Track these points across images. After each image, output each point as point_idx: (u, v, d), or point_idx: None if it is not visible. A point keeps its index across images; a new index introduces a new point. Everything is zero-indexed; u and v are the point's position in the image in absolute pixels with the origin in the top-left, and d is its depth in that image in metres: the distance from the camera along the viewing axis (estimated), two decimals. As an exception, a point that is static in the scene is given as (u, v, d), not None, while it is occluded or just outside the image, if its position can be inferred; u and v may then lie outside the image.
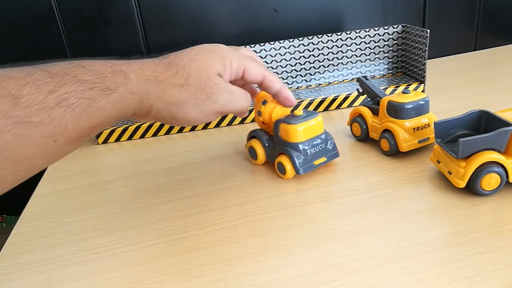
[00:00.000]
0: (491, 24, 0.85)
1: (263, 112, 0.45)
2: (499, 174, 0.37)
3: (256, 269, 0.33)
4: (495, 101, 0.59)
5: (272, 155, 0.46)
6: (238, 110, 0.40)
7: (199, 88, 0.37)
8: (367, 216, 0.37)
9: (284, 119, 0.44)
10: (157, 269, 0.34)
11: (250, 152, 0.48)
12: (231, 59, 0.40)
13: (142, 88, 0.35)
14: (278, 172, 0.45)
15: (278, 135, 0.45)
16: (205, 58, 0.39)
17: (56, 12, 0.67)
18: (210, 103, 0.38)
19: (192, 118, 0.38)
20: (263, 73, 0.43)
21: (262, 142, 0.47)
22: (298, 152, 0.43)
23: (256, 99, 0.47)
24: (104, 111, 0.32)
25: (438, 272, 0.30)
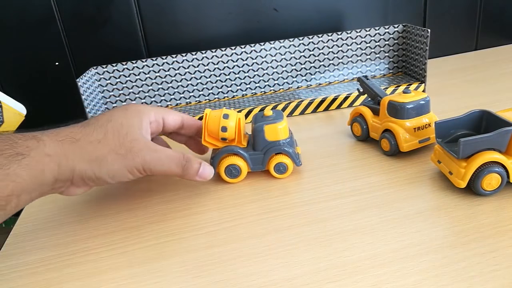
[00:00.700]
0: (492, 24, 0.85)
1: (229, 127, 0.43)
2: (500, 174, 0.37)
3: (256, 269, 0.33)
4: (496, 101, 0.59)
5: (258, 162, 0.45)
6: (166, 171, 0.39)
7: (118, 142, 0.37)
8: (367, 216, 0.37)
9: (263, 121, 0.44)
10: (157, 269, 0.34)
11: (228, 172, 0.45)
12: (147, 112, 0.41)
13: (59, 149, 0.34)
14: (276, 174, 0.45)
15: (264, 139, 0.44)
16: (121, 117, 0.39)
17: (56, 12, 0.67)
18: (131, 157, 0.37)
19: (116, 174, 0.37)
20: (181, 115, 0.44)
21: (241, 155, 0.44)
22: (290, 146, 0.44)
23: (209, 119, 0.43)
24: (16, 178, 0.31)
25: (438, 273, 0.30)
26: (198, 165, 0.40)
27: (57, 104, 0.72)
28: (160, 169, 0.38)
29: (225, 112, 0.43)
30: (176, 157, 0.39)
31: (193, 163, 0.40)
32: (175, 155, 0.39)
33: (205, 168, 0.41)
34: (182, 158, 0.39)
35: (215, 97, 0.69)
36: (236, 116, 0.44)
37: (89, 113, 0.59)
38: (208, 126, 0.44)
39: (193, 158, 0.40)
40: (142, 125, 0.39)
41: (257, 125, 0.44)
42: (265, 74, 0.69)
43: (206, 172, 0.41)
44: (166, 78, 0.67)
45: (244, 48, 0.67)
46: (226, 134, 0.43)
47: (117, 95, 0.68)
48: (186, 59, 0.66)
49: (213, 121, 0.43)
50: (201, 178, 0.41)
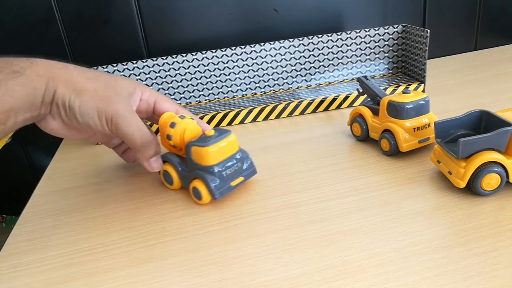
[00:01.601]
0: (492, 24, 0.85)
1: (173, 136, 0.42)
2: (499, 174, 0.37)
3: (256, 269, 0.33)
4: (496, 101, 0.59)
5: (186, 180, 0.43)
6: (129, 135, 0.39)
7: (103, 87, 0.38)
8: (367, 216, 0.37)
9: (195, 142, 0.41)
10: (157, 269, 0.34)
11: (165, 177, 0.45)
12: (144, 88, 0.42)
13: (49, 71, 0.36)
14: (194, 198, 0.42)
15: (190, 159, 0.41)
16: (120, 79, 0.41)
17: (56, 12, 0.67)
18: (106, 103, 0.38)
19: (86, 111, 0.37)
20: (176, 108, 0.44)
21: (175, 167, 0.43)
22: (213, 176, 0.40)
23: (162, 123, 0.43)
24: (14, 93, 0.33)
25: (438, 272, 0.30)
26: (154, 153, 0.42)
27: (57, 104, 0.72)
28: (124, 129, 0.39)
29: (173, 121, 0.42)
30: (144, 132, 0.40)
31: (152, 148, 0.41)
32: (145, 130, 0.40)
33: (157, 161, 0.43)
34: (148, 137, 0.40)
35: (215, 97, 0.69)
36: (185, 125, 0.42)
37: (89, 113, 0.59)
38: (161, 131, 0.43)
39: (157, 146, 0.42)
40: (132, 95, 0.41)
41: (187, 144, 0.41)
42: (265, 74, 0.69)
43: (155, 164, 0.43)
44: (166, 79, 0.67)
45: (244, 48, 0.67)
46: (172, 142, 0.42)
47: (117, 95, 0.68)
48: (186, 59, 0.66)
49: (163, 127, 0.43)
50: (148, 166, 0.42)
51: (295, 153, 0.51)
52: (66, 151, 0.61)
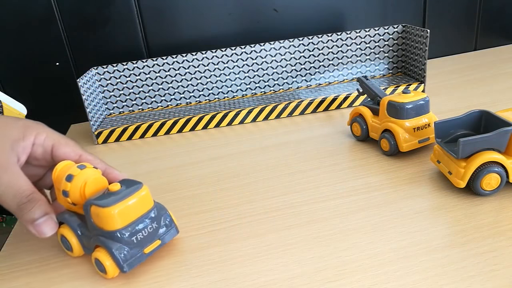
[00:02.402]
0: (491, 24, 0.85)
1: (70, 191, 0.33)
2: (499, 174, 0.37)
3: (256, 269, 0.33)
4: (495, 101, 0.59)
5: (89, 246, 0.34)
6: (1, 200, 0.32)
7: None
8: (367, 216, 0.37)
9: (94, 200, 0.32)
10: (157, 269, 0.34)
11: (63, 242, 0.36)
12: (40, 130, 0.35)
13: None
14: (98, 270, 0.34)
15: (91, 221, 0.33)
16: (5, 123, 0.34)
17: (56, 12, 0.67)
18: None
19: None
20: (79, 152, 0.36)
21: (73, 230, 0.35)
22: (119, 243, 0.32)
23: (56, 176, 0.35)
24: None
25: (438, 272, 0.30)
26: (39, 214, 0.33)
27: (58, 104, 0.72)
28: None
29: (69, 172, 0.34)
30: (19, 190, 0.32)
31: (34, 209, 0.32)
32: (20, 187, 0.32)
33: (46, 223, 0.33)
34: (25, 195, 0.32)
35: (215, 97, 0.69)
36: (85, 177, 0.34)
37: (89, 113, 0.59)
38: (55, 184, 0.35)
39: (41, 203, 0.33)
40: (19, 142, 0.33)
41: (85, 202, 0.33)
42: (265, 74, 0.69)
43: (44, 228, 0.33)
44: (166, 78, 0.67)
45: (244, 48, 0.67)
46: (69, 199, 0.34)
47: (118, 95, 0.68)
48: (186, 59, 0.66)
49: (55, 181, 0.35)
50: (34, 230, 0.33)
51: (295, 153, 0.51)
52: (66, 151, 0.61)
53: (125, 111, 0.69)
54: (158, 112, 0.67)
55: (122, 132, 0.62)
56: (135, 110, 0.69)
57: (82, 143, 0.63)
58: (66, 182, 0.33)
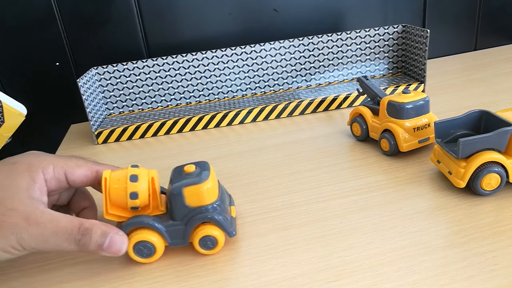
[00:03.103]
0: (491, 24, 0.85)
1: (140, 192, 0.32)
2: (499, 174, 0.37)
3: (256, 269, 0.33)
4: (495, 101, 0.59)
5: (178, 235, 0.34)
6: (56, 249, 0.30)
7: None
8: (367, 216, 0.37)
9: (184, 182, 0.33)
10: (157, 269, 0.34)
11: (138, 251, 0.34)
12: (44, 167, 0.32)
13: None
14: (203, 250, 0.34)
15: (183, 205, 0.33)
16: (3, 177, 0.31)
17: (56, 13, 0.67)
18: (1, 235, 0.29)
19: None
20: (95, 168, 0.35)
21: (156, 228, 0.34)
22: (219, 213, 0.34)
23: (112, 186, 0.33)
24: None
25: (438, 272, 0.30)
26: (101, 238, 0.31)
27: (58, 104, 0.72)
28: (44, 246, 0.30)
29: (132, 173, 0.33)
30: (67, 231, 0.30)
31: (94, 236, 0.31)
32: (66, 228, 0.30)
33: (114, 241, 0.32)
34: (76, 232, 0.30)
35: (215, 97, 0.69)
36: (148, 174, 0.34)
37: (89, 113, 0.59)
38: (111, 194, 0.33)
39: (96, 228, 0.31)
40: (32, 187, 0.31)
41: (174, 187, 0.33)
42: (265, 74, 0.69)
43: (116, 246, 0.32)
44: (166, 78, 0.67)
45: (244, 48, 0.67)
46: (138, 201, 0.33)
47: (118, 95, 0.68)
48: (186, 59, 0.66)
49: (117, 187, 0.33)
50: (109, 253, 0.32)
51: (295, 153, 0.51)
52: (67, 151, 0.61)
53: (125, 111, 0.69)
54: (158, 112, 0.67)
55: (122, 132, 0.62)
56: (135, 110, 0.69)
57: (82, 143, 0.63)
58: (133, 183, 0.32)
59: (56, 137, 0.68)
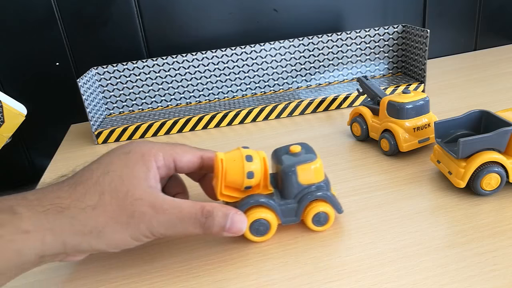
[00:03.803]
0: (491, 24, 0.85)
1: (255, 171, 0.33)
2: (499, 174, 0.37)
3: (256, 269, 0.33)
4: (496, 101, 0.59)
5: (291, 213, 0.35)
6: (181, 233, 0.31)
7: (116, 207, 0.29)
8: (367, 216, 0.37)
9: (297, 162, 0.35)
10: (157, 269, 0.34)
11: (253, 229, 0.35)
12: (154, 154, 0.33)
13: (41, 223, 0.28)
14: (315, 227, 0.36)
15: (296, 183, 0.35)
16: (121, 167, 0.31)
17: (56, 13, 0.67)
18: (134, 225, 0.29)
19: (119, 244, 0.30)
20: (199, 154, 0.35)
21: (271, 206, 0.35)
22: (328, 190, 0.36)
23: (229, 165, 0.33)
24: None
25: (438, 272, 0.30)
26: (223, 219, 0.31)
27: (58, 104, 0.72)
28: (172, 232, 0.31)
29: (247, 153, 0.34)
30: (192, 215, 0.31)
31: (216, 218, 0.31)
32: (190, 212, 0.31)
33: (235, 221, 0.32)
34: (200, 214, 0.31)
35: (215, 97, 0.69)
36: (259, 155, 0.34)
37: (89, 113, 0.59)
38: (227, 175, 0.33)
39: (217, 210, 0.31)
40: (148, 175, 0.31)
41: (286, 166, 0.34)
42: (265, 74, 0.69)
43: (237, 226, 0.32)
44: (166, 78, 0.67)
45: (244, 48, 0.67)
46: (253, 181, 0.34)
47: (118, 95, 0.68)
48: (186, 59, 0.66)
49: (234, 167, 0.33)
50: (231, 233, 0.32)
51: (295, 153, 0.51)
52: (67, 151, 0.61)
53: (125, 111, 0.69)
54: (158, 112, 0.67)
55: (122, 132, 0.62)
56: (135, 110, 0.69)
57: (82, 143, 0.63)
58: (249, 162, 0.33)
59: (56, 137, 0.68)
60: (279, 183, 0.35)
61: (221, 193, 0.34)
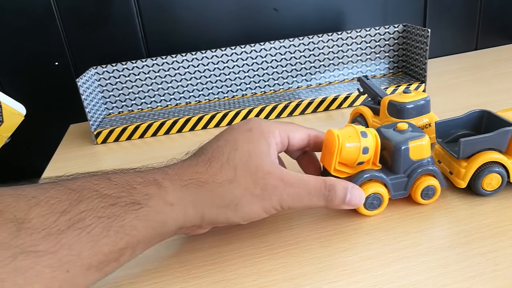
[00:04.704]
0: (492, 24, 0.85)
1: (370, 147, 0.35)
2: (500, 174, 0.36)
3: (256, 269, 0.32)
4: (496, 101, 0.59)
5: (400, 187, 0.37)
6: (306, 205, 0.32)
7: (250, 180, 0.31)
8: (367, 216, 0.37)
9: (410, 138, 0.36)
10: (157, 270, 0.34)
11: (368, 203, 0.36)
12: (272, 131, 0.34)
13: (183, 196, 0.30)
14: (423, 200, 0.37)
15: (407, 159, 0.36)
16: (247, 143, 0.32)
17: (55, 12, 0.67)
18: (267, 197, 0.31)
19: (251, 216, 0.32)
20: (307, 132, 0.37)
21: (383, 179, 0.36)
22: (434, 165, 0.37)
23: (344, 138, 0.34)
24: (131, 230, 0.27)
25: (439, 273, 0.30)
26: (344, 192, 0.33)
27: (57, 104, 0.72)
28: (299, 205, 0.32)
29: (361, 130, 0.35)
30: (317, 188, 0.32)
31: (338, 191, 0.33)
32: (314, 186, 0.32)
33: (354, 194, 0.33)
34: (324, 188, 0.32)
35: (215, 97, 0.69)
36: (370, 132, 0.35)
37: (88, 113, 0.59)
38: (343, 151, 0.34)
39: (337, 183, 0.33)
40: (270, 151, 0.33)
41: (399, 141, 0.36)
42: (265, 74, 0.69)
43: (356, 198, 0.34)
44: (166, 78, 0.67)
45: (244, 48, 0.67)
46: (367, 156, 0.35)
47: (117, 95, 0.68)
48: (186, 59, 0.66)
49: (351, 142, 0.34)
50: (349, 206, 0.34)
51: (295, 153, 0.51)
52: (66, 151, 0.61)
53: (125, 111, 0.69)
54: (157, 112, 0.67)
55: (122, 132, 0.62)
56: (134, 110, 0.69)
57: (81, 143, 0.62)
58: (364, 138, 0.34)
59: (55, 137, 0.67)
60: (388, 159, 0.37)
61: (334, 169, 0.35)
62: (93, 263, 0.26)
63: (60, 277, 0.24)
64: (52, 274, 0.24)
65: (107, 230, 0.26)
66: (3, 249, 0.23)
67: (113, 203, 0.27)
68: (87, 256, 0.25)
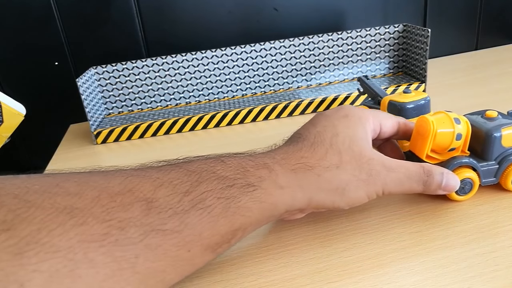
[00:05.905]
0: (493, 24, 0.85)
1: (463, 134, 0.35)
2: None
3: (256, 269, 0.32)
4: (497, 101, 0.59)
5: (490, 174, 0.37)
6: (405, 190, 0.33)
7: (355, 165, 0.31)
8: (367, 216, 0.37)
9: (502, 125, 0.36)
10: (156, 270, 0.34)
11: (460, 189, 0.36)
12: (367, 118, 0.34)
13: (292, 180, 0.30)
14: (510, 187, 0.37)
15: (500, 147, 0.36)
16: (347, 129, 0.33)
17: (55, 12, 0.67)
18: (372, 182, 0.31)
19: (355, 201, 0.32)
20: (397, 120, 0.37)
21: (475, 165, 0.36)
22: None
23: (438, 124, 0.34)
24: (246, 211, 0.28)
25: (439, 273, 0.30)
26: (440, 177, 0.33)
27: (57, 104, 0.72)
28: (399, 189, 0.33)
29: (454, 116, 0.35)
30: (416, 174, 0.33)
31: (435, 176, 0.33)
32: (414, 171, 0.33)
33: (449, 179, 0.34)
34: (423, 173, 0.33)
35: (215, 97, 0.69)
36: (462, 118, 0.36)
37: (88, 113, 0.59)
38: (437, 136, 0.35)
39: (434, 169, 0.33)
40: (367, 137, 0.33)
41: (492, 128, 0.36)
42: (265, 74, 0.69)
43: (451, 183, 0.34)
44: (165, 78, 0.67)
45: (244, 48, 0.67)
46: (459, 142, 0.35)
47: (117, 95, 0.68)
48: (186, 59, 0.66)
49: (445, 128, 0.35)
50: (444, 191, 0.34)
51: (295, 153, 0.50)
52: (66, 151, 0.61)
53: (124, 111, 0.69)
54: (157, 112, 0.67)
55: (121, 132, 0.62)
56: (134, 110, 0.69)
57: (81, 143, 0.62)
58: (458, 125, 0.35)
59: (55, 137, 0.67)
60: (477, 146, 0.37)
61: (427, 155, 0.36)
62: (210, 243, 0.27)
63: (182, 256, 0.25)
64: (176, 253, 0.25)
65: (225, 211, 0.27)
66: (136, 226, 0.23)
67: (230, 184, 0.28)
68: (206, 236, 0.26)
